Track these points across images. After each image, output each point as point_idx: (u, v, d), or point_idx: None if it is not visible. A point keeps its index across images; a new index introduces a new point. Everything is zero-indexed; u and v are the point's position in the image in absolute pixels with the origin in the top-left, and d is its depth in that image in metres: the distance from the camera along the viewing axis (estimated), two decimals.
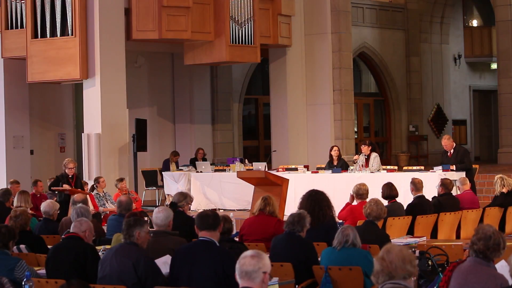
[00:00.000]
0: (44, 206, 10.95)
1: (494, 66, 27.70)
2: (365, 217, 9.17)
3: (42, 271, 7.84)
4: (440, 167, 15.00)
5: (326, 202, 9.55)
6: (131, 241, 7.09)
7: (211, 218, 6.94)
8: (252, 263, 4.82)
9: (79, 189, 15.07)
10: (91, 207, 13.68)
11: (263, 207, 9.57)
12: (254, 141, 24.59)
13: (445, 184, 12.50)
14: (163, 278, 6.99)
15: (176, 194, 10.46)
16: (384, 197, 11.58)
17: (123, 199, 10.48)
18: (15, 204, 12.75)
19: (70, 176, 15.29)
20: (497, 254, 5.70)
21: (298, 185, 15.57)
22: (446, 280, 5.77)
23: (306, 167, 17.53)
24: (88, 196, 13.90)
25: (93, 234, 8.08)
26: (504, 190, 12.75)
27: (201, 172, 18.08)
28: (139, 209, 15.39)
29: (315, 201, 9.50)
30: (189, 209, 10.41)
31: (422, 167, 16.37)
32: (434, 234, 11.66)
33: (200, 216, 7.07)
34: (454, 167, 14.75)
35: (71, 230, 7.88)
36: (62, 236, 8.88)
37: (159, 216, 8.12)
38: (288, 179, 14.36)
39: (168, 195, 18.30)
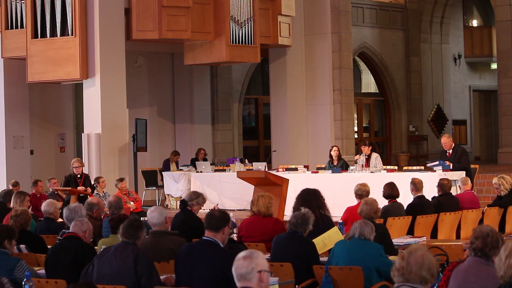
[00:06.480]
0: (44, 205, 10.91)
1: (494, 66, 27.70)
2: (360, 217, 9.12)
3: (42, 271, 7.83)
4: (437, 162, 14.99)
5: (316, 202, 9.44)
6: (133, 241, 7.08)
7: (214, 218, 6.84)
8: (245, 264, 4.77)
9: (79, 190, 15.08)
10: None
11: (251, 208, 9.51)
12: (254, 141, 24.57)
13: (442, 185, 12.47)
14: (158, 278, 6.97)
15: (189, 192, 10.45)
16: (385, 196, 11.57)
17: (111, 199, 10.51)
18: (12, 204, 12.70)
19: (78, 175, 15.37)
20: (496, 252, 5.68)
21: (298, 185, 15.51)
22: (445, 280, 5.76)
23: (306, 167, 17.52)
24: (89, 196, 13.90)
25: (91, 236, 8.13)
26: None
27: (201, 172, 18.07)
28: (139, 209, 15.42)
29: (305, 201, 9.41)
30: (200, 209, 10.21)
31: (422, 167, 16.33)
32: (434, 234, 11.66)
33: (206, 216, 6.99)
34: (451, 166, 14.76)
35: (70, 230, 7.88)
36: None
37: (154, 215, 8.13)
38: (288, 179, 14.33)
39: (168, 195, 18.29)
